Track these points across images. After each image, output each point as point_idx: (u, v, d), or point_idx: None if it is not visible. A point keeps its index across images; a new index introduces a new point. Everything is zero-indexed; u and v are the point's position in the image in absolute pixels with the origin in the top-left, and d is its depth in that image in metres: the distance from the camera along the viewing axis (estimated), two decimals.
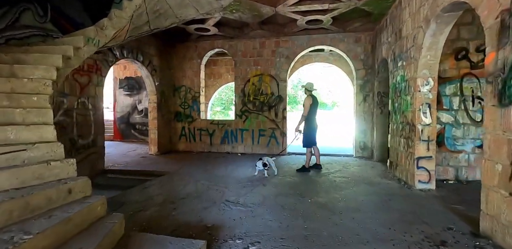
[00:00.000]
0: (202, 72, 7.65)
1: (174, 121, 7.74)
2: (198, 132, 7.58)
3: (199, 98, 7.56)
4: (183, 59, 7.63)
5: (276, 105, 7.05)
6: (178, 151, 7.65)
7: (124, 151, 7.67)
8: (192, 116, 7.61)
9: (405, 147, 4.21)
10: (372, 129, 6.49)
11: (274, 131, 7.06)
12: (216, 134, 7.46)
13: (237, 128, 7.29)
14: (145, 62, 6.58)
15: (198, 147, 7.59)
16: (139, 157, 6.65)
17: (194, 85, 7.58)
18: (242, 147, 7.29)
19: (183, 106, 7.67)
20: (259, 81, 7.14)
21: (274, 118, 7.06)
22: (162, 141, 7.28)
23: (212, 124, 7.48)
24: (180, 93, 7.69)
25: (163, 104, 7.38)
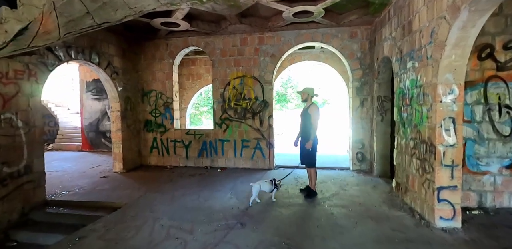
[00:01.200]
0: (175, 74, 6.60)
1: (143, 132, 6.68)
2: (172, 144, 6.56)
3: (172, 105, 6.51)
4: (152, 60, 6.56)
5: (261, 111, 6.10)
6: (149, 166, 6.62)
7: (85, 168, 6.57)
8: (164, 125, 6.57)
9: (420, 170, 3.34)
10: (371, 138, 5.63)
11: (259, 142, 6.12)
12: (193, 145, 6.46)
13: (217, 138, 6.31)
14: (102, 64, 5.49)
15: (172, 161, 6.58)
16: (98, 178, 5.59)
17: (166, 89, 6.53)
18: (223, 160, 6.33)
19: (154, 114, 6.61)
20: (240, 84, 6.16)
21: (259, 126, 6.12)
22: (128, 155, 6.23)
23: (188, 135, 6.47)
24: (150, 99, 6.62)
25: (129, 112, 6.31)
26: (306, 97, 4.15)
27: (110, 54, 5.72)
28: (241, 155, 6.23)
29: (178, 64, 6.73)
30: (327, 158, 7.01)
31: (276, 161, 6.47)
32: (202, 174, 5.69)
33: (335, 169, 5.95)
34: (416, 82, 3.42)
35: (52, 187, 4.81)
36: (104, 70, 5.55)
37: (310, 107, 4.06)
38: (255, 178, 5.30)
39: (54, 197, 4.45)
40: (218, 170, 6.00)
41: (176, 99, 6.67)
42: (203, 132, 6.41)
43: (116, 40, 5.89)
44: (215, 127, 6.32)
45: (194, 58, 9.00)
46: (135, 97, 6.52)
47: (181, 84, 9.09)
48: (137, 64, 6.60)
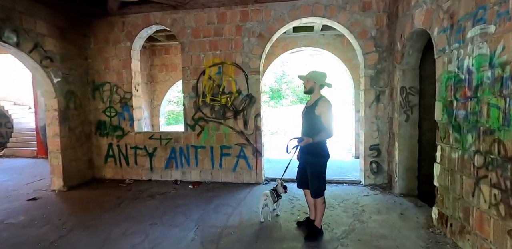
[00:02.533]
0: (134, 61, 5.11)
1: (95, 136, 5.21)
2: (132, 152, 5.10)
3: (131, 101, 5.04)
4: (105, 43, 5.06)
5: (245, 109, 4.68)
6: (104, 180, 5.15)
7: (21, 183, 5.07)
8: (121, 127, 5.10)
9: (501, 209, 1.97)
10: (390, 144, 4.27)
11: (244, 149, 4.71)
12: (159, 154, 5.01)
13: (189, 144, 4.88)
14: (24, 45, 3.98)
15: (133, 174, 5.13)
16: (24, 200, 4.12)
17: (123, 81, 5.05)
18: (196, 172, 4.90)
19: (108, 113, 5.14)
20: (218, 73, 4.72)
21: (243, 129, 4.70)
22: (72, 168, 4.75)
23: (152, 140, 5.02)
24: (102, 94, 5.14)
25: (73, 111, 4.82)
26: (311, 86, 2.70)
27: (38, 33, 4.20)
28: (220, 166, 4.81)
29: (140, 48, 5.24)
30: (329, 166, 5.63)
31: (266, 172, 5.07)
32: (166, 194, 4.26)
33: (343, 184, 4.57)
34: (492, 58, 2.03)
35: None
36: (28, 54, 4.05)
37: (319, 104, 2.62)
38: (237, 199, 3.90)
39: None
40: (189, 187, 4.57)
41: (138, 94, 5.19)
42: (171, 136, 4.96)
43: (49, 15, 4.38)
44: (186, 129, 4.88)
45: (168, 44, 7.50)
46: (82, 91, 5.02)
47: (153, 77, 7.60)
48: (85, 49, 5.09)
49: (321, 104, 2.59)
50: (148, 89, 7.41)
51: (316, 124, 2.60)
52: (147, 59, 7.43)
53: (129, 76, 5.03)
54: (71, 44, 4.81)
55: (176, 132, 5.02)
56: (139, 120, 5.22)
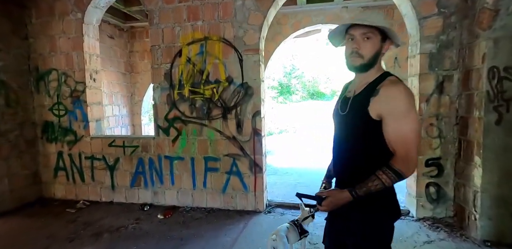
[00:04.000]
0: (89, 39, 3.73)
1: (42, 142, 3.88)
2: (87, 163, 3.76)
3: (84, 95, 3.68)
4: (50, 16, 3.70)
5: (239, 104, 3.24)
6: (53, 200, 3.84)
7: None
8: (73, 131, 3.76)
9: None
10: (463, 158, 2.75)
11: (237, 162, 3.28)
12: (123, 166, 3.65)
13: (162, 154, 3.49)
14: None
15: (90, 193, 3.79)
16: None
17: (74, 67, 3.69)
18: (173, 193, 3.51)
19: (56, 111, 3.80)
20: (200, 53, 3.29)
21: (236, 133, 3.26)
22: (1, 187, 3.45)
23: (112, 147, 3.65)
24: (48, 85, 3.80)
25: (4, 108, 3.50)
26: (377, 49, 1.12)
27: None
28: (204, 186, 3.40)
29: (97, 23, 3.85)
30: None
31: (271, 191, 3.65)
32: (120, 230, 2.88)
33: None
34: None
35: None
36: None
37: (382, 91, 1.08)
38: (224, 242, 2.49)
39: None
40: (158, 217, 3.18)
41: (95, 85, 3.82)
42: (138, 143, 3.57)
43: None
44: (157, 133, 3.49)
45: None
46: (20, 82, 3.69)
47: (133, 66, 6.23)
48: (23, 25, 3.75)
49: (388, 91, 1.08)
50: (126, 81, 6.06)
51: (372, 141, 1.13)
52: (125, 44, 6.07)
53: (81, 60, 3.66)
54: (2, 17, 3.47)
55: (144, 137, 3.64)
56: (98, 121, 3.86)
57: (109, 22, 5.54)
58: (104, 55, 5.46)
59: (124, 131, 5.89)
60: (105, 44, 5.44)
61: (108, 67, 5.50)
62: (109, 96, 5.55)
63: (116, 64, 5.77)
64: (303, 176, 4.78)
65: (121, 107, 5.85)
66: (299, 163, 6.02)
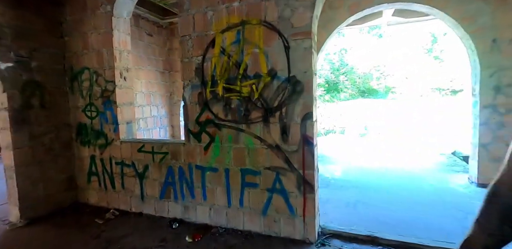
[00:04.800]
0: (120, 34, 3.41)
1: (77, 145, 3.71)
2: (117, 169, 3.46)
3: (114, 95, 3.37)
4: (83, 11, 3.47)
5: (285, 105, 2.54)
6: (86, 207, 3.64)
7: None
8: (104, 134, 3.49)
9: None
10: None
11: (281, 177, 2.59)
12: (152, 175, 3.25)
13: (193, 163, 2.98)
14: None
15: (120, 201, 3.49)
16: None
17: (104, 65, 3.41)
18: (205, 210, 2.98)
19: (88, 113, 3.58)
20: (236, 42, 2.67)
21: (280, 141, 2.57)
22: (36, 192, 3.32)
23: (141, 153, 3.27)
24: (81, 85, 3.59)
25: (37, 111, 3.36)
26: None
27: None
28: (241, 204, 2.79)
29: (128, 16, 3.51)
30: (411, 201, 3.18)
31: (321, 214, 2.88)
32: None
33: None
34: None
35: None
36: None
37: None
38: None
39: None
40: (186, 239, 2.66)
41: (125, 84, 3.49)
42: (167, 150, 3.12)
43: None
44: (188, 139, 2.98)
45: None
46: (55, 82, 3.54)
47: (172, 64, 5.95)
48: (59, 23, 3.59)
49: None
50: (165, 80, 5.81)
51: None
52: (164, 42, 5.82)
53: (111, 57, 3.35)
54: (35, 13, 3.32)
55: (174, 142, 3.15)
56: (129, 123, 3.53)
57: (147, 18, 5.32)
58: (143, 53, 5.25)
59: (163, 133, 5.66)
60: (144, 42, 5.23)
61: (146, 65, 5.28)
62: (147, 96, 5.33)
63: (155, 62, 5.54)
64: (363, 191, 3.88)
65: (160, 108, 5.62)
66: (355, 172, 5.08)
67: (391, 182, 4.37)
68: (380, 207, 3.28)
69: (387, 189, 3.98)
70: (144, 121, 5.12)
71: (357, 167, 5.61)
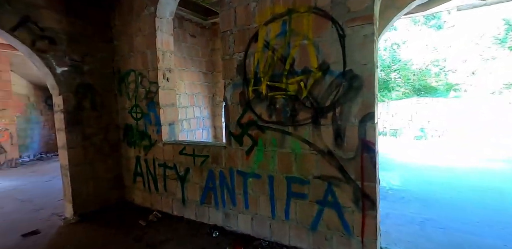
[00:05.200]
0: (163, 35, 3.38)
1: (123, 145, 3.80)
2: (160, 171, 3.42)
3: (157, 96, 3.34)
4: (129, 14, 3.53)
5: (340, 104, 2.16)
6: (131, 206, 3.70)
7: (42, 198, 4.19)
8: (148, 135, 3.49)
9: None
10: None
11: (334, 188, 2.22)
12: (193, 178, 3.13)
13: (234, 168, 2.77)
14: (4, 21, 2.76)
15: (163, 204, 3.45)
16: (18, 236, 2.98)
17: (148, 66, 3.41)
18: (247, 219, 2.74)
19: (134, 114, 3.63)
20: (282, 34, 2.38)
21: (333, 146, 2.21)
22: (87, 189, 3.46)
23: (182, 156, 3.17)
24: (128, 87, 3.65)
25: (89, 112, 3.50)
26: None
27: (29, 3, 2.94)
28: (286, 216, 2.49)
29: (171, 16, 3.46)
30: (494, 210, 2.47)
31: (382, 234, 2.43)
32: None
33: None
34: None
35: None
36: (11, 32, 2.81)
37: None
38: None
39: None
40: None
41: (168, 85, 3.45)
42: (208, 153, 2.96)
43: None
44: (229, 142, 2.78)
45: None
46: (105, 85, 3.66)
47: (215, 64, 5.90)
48: (108, 28, 3.71)
49: None
50: (208, 81, 5.78)
51: None
52: (206, 43, 5.80)
53: (154, 58, 3.33)
54: (87, 20, 3.47)
55: (214, 145, 2.98)
56: (171, 125, 3.48)
57: (191, 20, 5.34)
58: (186, 54, 5.27)
59: (206, 134, 5.63)
60: (187, 44, 5.25)
61: (189, 67, 5.30)
62: (191, 97, 5.35)
63: (198, 63, 5.54)
64: (430, 206, 3.28)
65: (202, 109, 5.61)
66: (416, 181, 4.41)
67: (464, 195, 3.64)
68: (457, 229, 2.68)
69: (462, 205, 3.30)
70: (188, 122, 5.14)
71: (417, 174, 4.88)
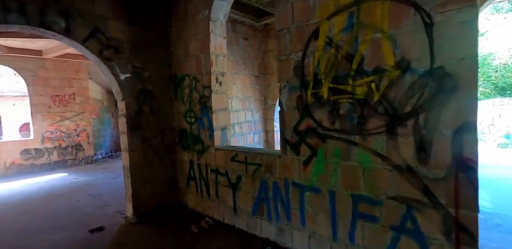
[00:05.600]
0: (216, 38, 3.31)
1: (178, 148, 3.87)
2: (212, 177, 3.36)
3: (210, 100, 3.29)
4: (185, 20, 3.57)
5: (423, 109, 1.74)
6: (185, 210, 3.73)
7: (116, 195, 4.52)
8: (201, 139, 3.47)
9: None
10: None
11: (414, 213, 1.80)
12: (245, 187, 2.97)
13: (289, 179, 2.51)
14: (77, 32, 3.00)
15: (214, 210, 3.38)
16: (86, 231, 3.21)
17: (202, 70, 3.38)
18: (303, 237, 2.46)
19: (188, 119, 3.65)
20: (348, 28, 2.05)
21: (414, 161, 1.79)
22: (146, 190, 3.59)
23: (234, 162, 3.05)
24: (183, 92, 3.70)
25: (148, 116, 3.63)
26: None
27: (98, 15, 3.16)
28: (351, 240, 2.13)
29: (224, 19, 3.38)
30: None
31: None
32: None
33: None
34: None
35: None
36: (83, 43, 3.05)
37: None
38: None
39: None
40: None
41: (221, 89, 3.37)
42: (261, 161, 2.77)
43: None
44: (284, 150, 2.54)
45: None
46: (162, 90, 3.78)
47: (267, 67, 5.73)
48: (167, 35, 3.82)
49: None
50: (260, 84, 5.65)
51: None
52: (258, 45, 5.67)
53: (207, 62, 3.29)
54: (148, 28, 3.62)
55: (268, 153, 2.77)
56: (223, 130, 3.39)
57: (244, 22, 5.27)
58: (239, 57, 5.22)
59: (257, 138, 5.51)
60: (240, 46, 5.20)
61: (242, 70, 5.23)
62: (243, 101, 5.28)
63: (250, 66, 5.45)
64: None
65: (254, 112, 5.49)
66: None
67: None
68: None
69: None
70: (239, 126, 5.08)
71: (511, 192, 3.95)
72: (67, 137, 7.29)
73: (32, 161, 6.80)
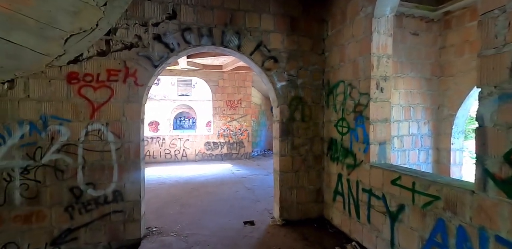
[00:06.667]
0: (379, 37, 2.83)
1: (326, 159, 3.66)
2: (364, 197, 2.90)
3: (367, 109, 2.85)
4: (342, 23, 3.32)
5: None
6: (329, 227, 3.47)
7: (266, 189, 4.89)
8: (353, 153, 3.08)
9: None
10: None
11: None
12: (410, 221, 2.33)
13: (490, 231, 1.70)
14: (246, 48, 3.42)
15: (363, 235, 2.91)
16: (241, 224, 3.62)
17: (359, 75, 3.00)
18: None
19: (339, 128, 3.37)
20: None
21: None
22: (289, 197, 3.64)
23: (396, 187, 2.46)
24: (336, 99, 3.46)
25: (298, 123, 3.66)
26: None
27: (262, 30, 3.49)
28: None
29: (391, 13, 2.83)
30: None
31: None
32: None
33: None
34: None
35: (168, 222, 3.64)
36: (249, 56, 3.44)
37: None
38: None
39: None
40: None
41: (382, 96, 2.85)
42: (439, 193, 2.05)
43: (276, 4, 3.53)
44: (483, 186, 1.74)
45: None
46: (313, 97, 3.71)
47: (444, 67, 4.44)
48: (321, 40, 3.71)
49: None
50: (432, 89, 4.46)
51: None
52: (433, 39, 4.50)
53: (367, 66, 2.87)
54: (303, 35, 3.65)
55: (452, 185, 2.01)
56: (382, 144, 2.86)
57: (413, 15, 4.35)
58: (404, 57, 4.37)
59: (423, 156, 4.40)
60: (405, 45, 4.33)
61: (407, 72, 4.34)
62: (406, 110, 4.36)
63: (419, 67, 4.43)
64: None
65: (421, 124, 4.41)
66: None
67: None
68: None
69: None
70: (400, 140, 4.23)
71: None
72: (234, 135, 8.85)
73: (211, 152, 8.78)
